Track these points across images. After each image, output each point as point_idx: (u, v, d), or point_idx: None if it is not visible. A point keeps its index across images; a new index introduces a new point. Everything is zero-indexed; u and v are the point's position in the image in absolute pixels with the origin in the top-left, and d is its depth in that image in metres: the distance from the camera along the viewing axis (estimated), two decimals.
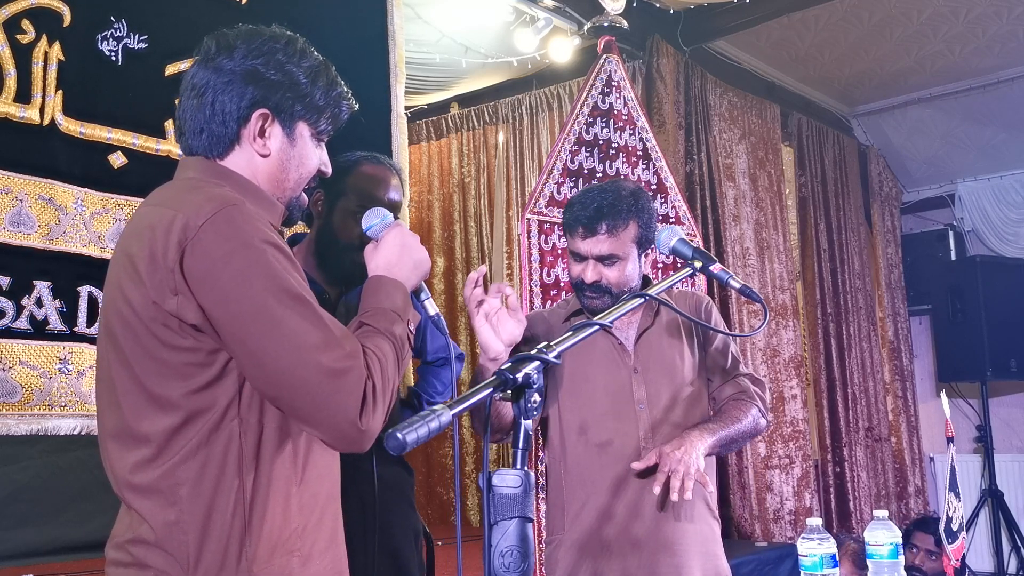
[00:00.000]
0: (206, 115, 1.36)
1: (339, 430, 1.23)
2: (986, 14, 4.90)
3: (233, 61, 1.36)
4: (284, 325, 1.22)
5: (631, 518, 1.97)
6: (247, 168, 1.38)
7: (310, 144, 1.42)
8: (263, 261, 1.24)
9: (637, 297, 1.61)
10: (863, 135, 6.53)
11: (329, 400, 1.22)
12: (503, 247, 5.24)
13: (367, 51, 3.27)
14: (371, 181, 1.91)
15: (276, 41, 1.39)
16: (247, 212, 1.28)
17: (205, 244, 1.23)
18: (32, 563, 2.64)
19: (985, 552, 5.83)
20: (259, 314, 1.22)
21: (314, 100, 1.40)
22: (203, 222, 1.23)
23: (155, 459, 1.27)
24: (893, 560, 1.69)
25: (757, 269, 5.14)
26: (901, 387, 6.34)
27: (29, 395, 2.36)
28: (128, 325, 1.27)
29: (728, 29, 4.96)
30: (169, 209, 1.27)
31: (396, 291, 1.40)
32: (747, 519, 4.75)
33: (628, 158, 3.73)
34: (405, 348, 1.36)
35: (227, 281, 1.22)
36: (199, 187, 1.32)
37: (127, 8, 2.66)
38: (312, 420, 1.24)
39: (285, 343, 1.22)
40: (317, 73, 1.40)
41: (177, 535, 1.26)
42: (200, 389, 1.26)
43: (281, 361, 1.22)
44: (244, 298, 1.22)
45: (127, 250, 1.30)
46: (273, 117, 1.37)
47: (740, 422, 2.02)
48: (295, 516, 1.33)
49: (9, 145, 2.40)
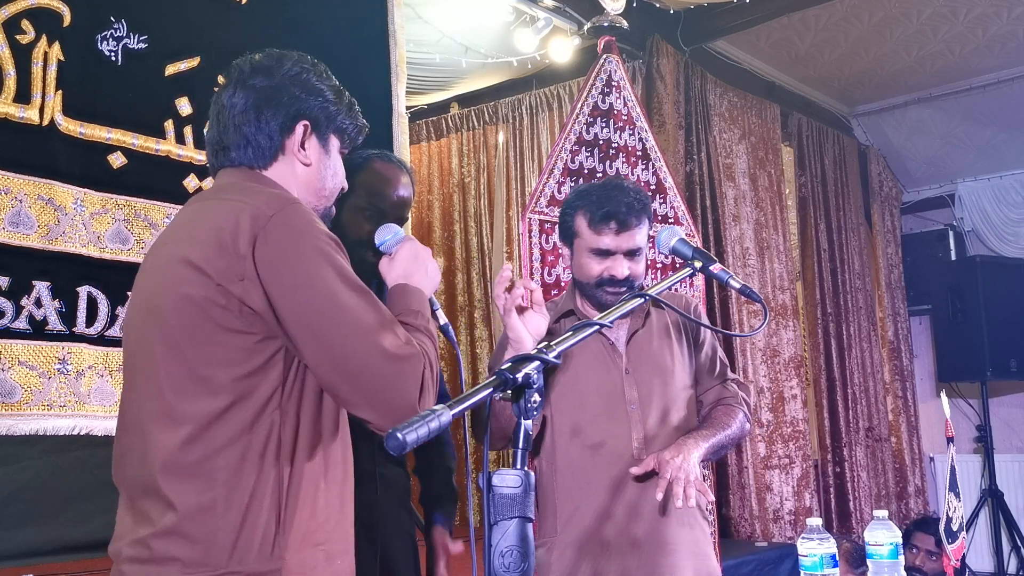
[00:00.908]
0: (252, 130, 1.44)
1: (399, 412, 1.29)
2: (986, 14, 4.90)
3: (272, 80, 1.45)
4: (350, 311, 1.31)
5: (631, 518, 1.97)
6: (288, 178, 1.46)
7: (338, 157, 1.53)
8: (328, 252, 1.33)
9: (637, 297, 1.61)
10: (863, 135, 6.53)
11: (393, 382, 1.30)
12: (503, 247, 5.24)
13: (367, 51, 3.27)
14: (380, 179, 1.91)
15: (304, 62, 1.50)
16: (307, 210, 1.38)
17: (277, 234, 1.31)
18: (32, 563, 2.63)
19: (985, 552, 5.83)
20: (327, 300, 1.30)
21: (342, 116, 1.51)
22: (273, 214, 1.32)
23: (194, 441, 1.30)
24: (893, 560, 1.69)
25: (757, 269, 5.14)
26: (901, 387, 6.34)
27: (28, 395, 2.36)
28: (182, 310, 1.32)
29: (728, 29, 4.96)
30: (236, 202, 1.35)
31: (420, 296, 1.50)
32: (747, 519, 4.75)
33: (628, 158, 3.73)
34: (436, 343, 1.45)
35: (298, 269, 1.31)
36: (254, 189, 1.40)
37: (127, 8, 2.66)
38: (374, 402, 1.31)
39: (351, 328, 1.30)
40: (340, 92, 1.52)
41: (212, 520, 1.29)
42: (247, 375, 1.31)
43: (348, 344, 1.29)
44: (313, 285, 1.30)
45: (190, 238, 1.36)
46: (311, 129, 1.47)
47: (729, 428, 2.04)
48: (322, 511, 1.38)
49: (9, 145, 2.40)
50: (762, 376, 5.00)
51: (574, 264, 2.10)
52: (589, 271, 2.04)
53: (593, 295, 2.06)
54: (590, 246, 2.03)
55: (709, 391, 2.13)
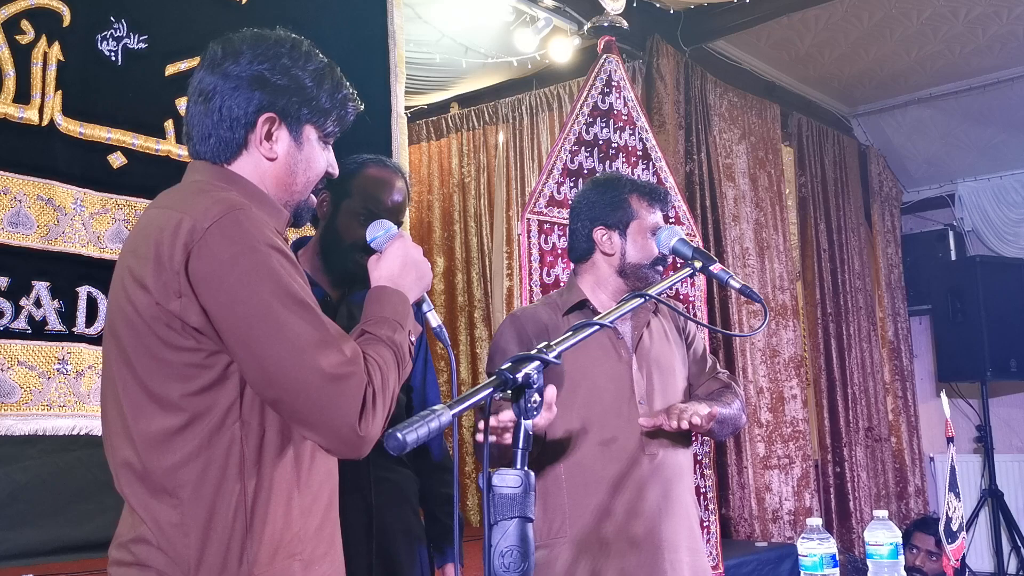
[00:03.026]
0: (213, 120, 1.37)
1: (338, 434, 1.24)
2: (986, 14, 4.90)
3: (239, 66, 1.37)
4: (287, 329, 1.23)
5: (630, 517, 1.98)
6: (254, 172, 1.39)
7: (317, 147, 1.43)
8: (268, 265, 1.25)
9: (637, 297, 1.61)
10: (863, 135, 6.53)
11: (329, 404, 1.22)
12: (503, 247, 5.24)
13: (367, 51, 3.27)
14: (375, 183, 1.92)
15: (281, 45, 1.40)
16: (253, 216, 1.28)
17: (211, 247, 1.23)
18: (32, 563, 2.63)
19: (985, 552, 5.83)
20: (262, 317, 1.23)
21: (320, 103, 1.41)
22: (209, 225, 1.24)
23: (152, 460, 1.27)
24: (893, 560, 1.69)
25: (757, 269, 5.14)
26: (901, 387, 6.33)
27: (28, 395, 2.36)
28: (131, 325, 1.28)
29: (728, 29, 4.96)
30: (176, 212, 1.28)
31: (399, 301, 1.41)
32: (747, 519, 4.75)
33: (628, 158, 3.72)
34: (406, 357, 1.36)
35: (232, 283, 1.23)
36: (206, 190, 1.33)
37: (127, 8, 2.66)
38: (311, 424, 1.25)
39: (287, 346, 1.22)
40: (323, 76, 1.41)
41: (179, 536, 1.26)
42: (200, 391, 1.27)
43: (283, 364, 1.22)
44: (248, 300, 1.23)
45: (134, 251, 1.31)
46: (280, 121, 1.38)
47: (731, 407, 2.09)
48: (296, 520, 1.33)
49: (8, 145, 2.40)
50: (762, 376, 5.00)
51: (629, 247, 2.09)
52: (651, 250, 2.08)
53: (647, 275, 2.09)
54: (651, 225, 2.10)
55: (702, 386, 2.18)
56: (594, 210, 2.13)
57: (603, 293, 2.13)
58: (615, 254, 2.11)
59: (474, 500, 5.18)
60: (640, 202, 2.11)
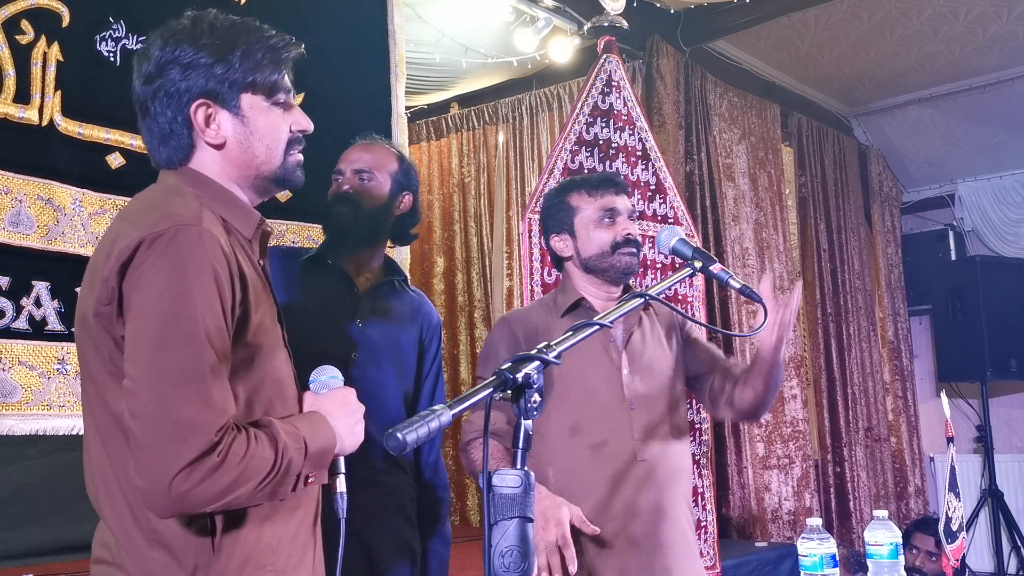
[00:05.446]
0: (157, 132, 1.34)
1: (151, 479, 1.14)
2: (986, 14, 4.90)
3: (154, 67, 1.32)
4: (168, 355, 1.17)
5: (629, 518, 1.97)
6: (215, 164, 1.35)
7: (270, 111, 1.37)
8: (183, 288, 1.19)
9: (637, 297, 1.61)
10: (863, 135, 6.53)
11: (156, 443, 1.14)
12: (503, 247, 5.24)
13: (367, 51, 3.27)
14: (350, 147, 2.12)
15: (181, 30, 1.33)
16: (196, 234, 1.22)
17: (142, 263, 1.20)
18: (32, 563, 2.63)
19: (985, 552, 5.83)
20: (151, 339, 1.18)
21: (241, 67, 1.33)
22: (149, 241, 1.21)
23: (110, 475, 1.27)
24: (893, 560, 1.68)
25: (757, 269, 5.14)
26: (901, 387, 6.33)
27: (28, 395, 2.36)
28: (89, 342, 1.27)
29: (728, 29, 4.96)
30: (128, 223, 1.26)
31: (325, 434, 1.30)
32: (746, 519, 4.75)
33: (628, 158, 3.72)
34: (287, 477, 1.23)
35: (140, 299, 1.20)
36: (166, 201, 1.28)
37: (126, 9, 2.66)
38: (135, 454, 1.17)
39: (157, 372, 1.16)
40: (231, 43, 1.33)
41: (138, 551, 1.25)
42: None
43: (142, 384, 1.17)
44: (144, 317, 1.19)
45: (94, 262, 1.30)
46: (212, 103, 1.32)
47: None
48: (269, 530, 1.30)
49: (8, 145, 2.40)
50: None
51: (580, 245, 2.10)
52: (602, 239, 2.08)
53: (612, 264, 2.08)
54: (597, 212, 2.09)
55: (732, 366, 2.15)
56: (545, 221, 2.18)
57: (589, 293, 2.13)
58: (573, 255, 2.13)
59: (474, 500, 5.18)
60: (580, 197, 2.11)
